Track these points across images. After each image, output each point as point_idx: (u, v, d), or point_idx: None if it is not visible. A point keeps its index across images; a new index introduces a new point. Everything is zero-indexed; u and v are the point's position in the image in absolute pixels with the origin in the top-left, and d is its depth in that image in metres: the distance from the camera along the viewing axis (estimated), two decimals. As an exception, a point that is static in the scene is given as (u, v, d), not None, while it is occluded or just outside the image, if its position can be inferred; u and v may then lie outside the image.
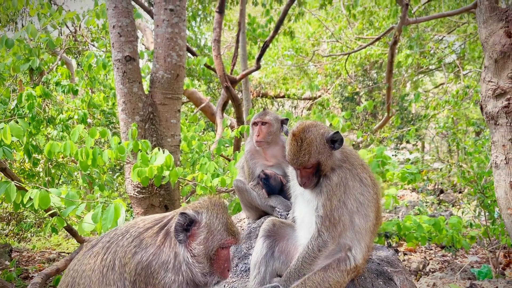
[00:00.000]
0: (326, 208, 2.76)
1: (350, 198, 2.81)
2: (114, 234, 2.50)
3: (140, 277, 2.30)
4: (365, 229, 2.86)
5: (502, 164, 3.73)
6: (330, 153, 2.82)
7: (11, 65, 7.15)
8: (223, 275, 2.47)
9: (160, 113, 6.71)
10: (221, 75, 8.95)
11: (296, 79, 21.21)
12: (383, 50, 15.19)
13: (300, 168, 2.84)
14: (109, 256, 2.38)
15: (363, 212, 2.85)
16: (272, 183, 3.97)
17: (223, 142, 7.96)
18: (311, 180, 2.83)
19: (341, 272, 2.79)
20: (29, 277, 8.08)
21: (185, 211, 2.43)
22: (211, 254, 2.42)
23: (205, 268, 2.41)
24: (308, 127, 2.84)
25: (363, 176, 2.88)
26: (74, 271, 2.44)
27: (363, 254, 2.87)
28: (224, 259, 2.47)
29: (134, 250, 2.36)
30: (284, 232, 3.16)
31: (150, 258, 2.35)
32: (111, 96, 9.70)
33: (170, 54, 6.73)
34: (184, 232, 2.41)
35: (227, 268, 2.49)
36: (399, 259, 3.38)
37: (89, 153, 5.24)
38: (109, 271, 2.34)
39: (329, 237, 2.77)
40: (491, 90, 3.70)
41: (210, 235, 2.42)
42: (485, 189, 7.66)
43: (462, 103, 12.97)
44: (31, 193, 4.32)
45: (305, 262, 2.81)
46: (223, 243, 2.44)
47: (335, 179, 2.80)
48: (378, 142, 13.47)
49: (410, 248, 9.90)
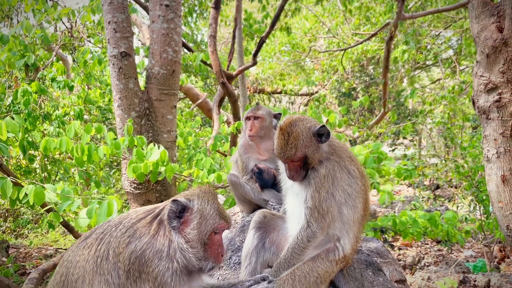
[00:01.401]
0: (315, 200, 2.81)
1: (338, 190, 2.85)
2: (107, 225, 2.53)
3: (134, 266, 2.33)
4: (353, 220, 2.90)
5: (493, 158, 3.76)
6: (317, 146, 2.86)
7: (6, 61, 7.13)
8: (217, 260, 2.52)
9: (156, 109, 6.72)
10: (217, 71, 8.96)
11: (293, 75, 21.21)
12: (379, 45, 15.21)
13: (287, 161, 2.88)
14: (103, 247, 2.41)
15: (351, 203, 2.89)
16: (265, 177, 4.01)
17: (220, 138, 7.97)
18: (299, 173, 2.87)
19: (329, 262, 2.83)
20: (26, 273, 8.11)
21: (176, 198, 2.47)
22: (205, 239, 2.46)
23: (199, 253, 2.45)
24: (294, 121, 2.89)
25: (351, 168, 2.92)
26: (68, 261, 2.46)
27: (351, 245, 2.91)
28: (217, 244, 2.52)
29: (128, 240, 2.39)
30: (275, 224, 3.21)
31: (144, 247, 2.38)
32: (107, 92, 9.69)
33: (166, 50, 6.73)
34: (177, 219, 2.45)
35: (220, 253, 2.53)
36: (389, 250, 3.43)
37: (84, 149, 5.25)
38: (103, 261, 2.37)
39: (318, 227, 2.81)
40: (482, 84, 3.73)
41: (203, 220, 2.47)
42: (480, 183, 7.70)
43: (459, 98, 13.01)
44: (27, 189, 4.33)
45: (294, 253, 2.86)
46: (216, 227, 2.49)
47: (323, 171, 2.85)
48: (374, 137, 13.50)
49: (405, 243, 9.96)
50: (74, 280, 2.37)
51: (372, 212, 11.71)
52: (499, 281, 6.49)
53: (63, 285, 2.39)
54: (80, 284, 2.34)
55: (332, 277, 2.89)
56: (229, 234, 3.81)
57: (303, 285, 2.72)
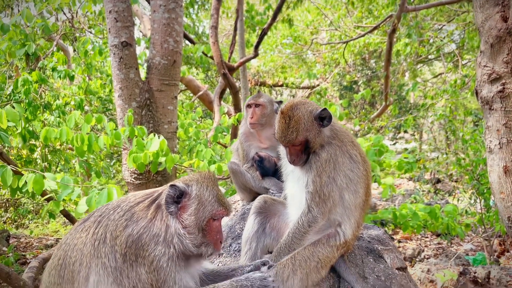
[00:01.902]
0: (316, 184, 2.78)
1: (339, 174, 2.82)
2: (105, 209, 2.52)
3: (131, 250, 2.32)
4: (354, 205, 2.87)
5: (496, 148, 3.73)
6: (318, 131, 2.83)
7: (6, 50, 7.10)
8: (216, 246, 2.50)
9: (157, 99, 6.69)
10: (218, 62, 8.91)
11: (294, 68, 21.13)
12: (382, 38, 15.12)
13: (288, 145, 2.85)
14: (100, 230, 2.40)
15: (353, 188, 2.86)
16: (266, 165, 3.99)
17: (220, 130, 7.95)
18: (300, 157, 2.85)
19: (330, 247, 2.81)
20: (26, 262, 8.12)
21: (175, 183, 2.45)
22: (203, 225, 2.44)
23: (197, 239, 2.43)
24: (296, 105, 2.85)
25: (353, 153, 2.89)
26: (66, 244, 2.46)
27: (352, 230, 2.89)
28: (216, 230, 2.49)
29: (125, 223, 2.38)
30: (276, 209, 3.19)
31: (141, 231, 2.36)
32: (108, 83, 9.66)
33: (167, 40, 6.69)
34: (174, 204, 2.43)
35: (219, 239, 2.51)
36: (390, 238, 3.41)
37: (84, 139, 5.23)
38: (100, 244, 2.36)
39: (319, 212, 2.79)
40: (486, 74, 3.69)
41: (201, 206, 2.45)
42: (481, 176, 7.69)
43: (460, 93, 12.96)
44: (27, 177, 4.33)
45: (295, 238, 2.84)
46: (215, 214, 2.46)
47: (324, 155, 2.81)
48: (375, 131, 13.47)
49: (405, 236, 9.97)
50: (71, 263, 2.36)
51: (373, 205, 11.71)
52: (498, 273, 6.49)
53: (60, 268, 2.38)
54: (78, 267, 2.34)
55: (332, 263, 2.88)
56: (229, 222, 3.80)
57: (304, 269, 2.70)
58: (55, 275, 2.39)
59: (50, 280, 2.41)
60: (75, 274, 2.33)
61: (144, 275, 2.31)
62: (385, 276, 2.99)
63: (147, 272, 2.31)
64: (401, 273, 3.04)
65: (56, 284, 2.37)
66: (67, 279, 2.34)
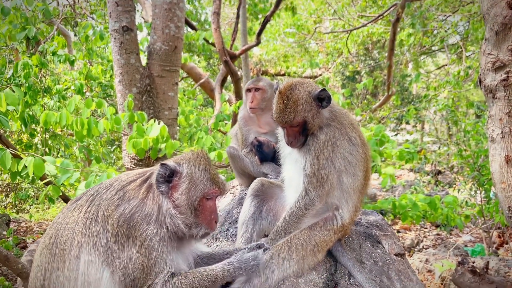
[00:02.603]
0: (314, 167, 2.73)
1: (338, 157, 2.77)
2: (98, 188, 2.50)
3: (122, 229, 2.30)
4: (353, 188, 2.83)
5: (498, 138, 3.69)
6: (317, 112, 2.77)
7: (6, 34, 7.06)
8: (210, 226, 2.46)
9: (158, 85, 6.66)
10: (220, 48, 8.84)
11: (297, 57, 21.00)
12: (385, 28, 15.00)
13: (286, 126, 2.80)
14: (92, 209, 2.38)
15: (351, 171, 2.82)
16: (265, 150, 3.96)
17: (221, 117, 7.91)
18: (297, 139, 2.80)
19: (327, 231, 2.78)
20: (27, 247, 8.16)
21: (165, 162, 2.42)
22: (195, 204, 2.40)
23: (189, 219, 2.40)
24: (294, 85, 2.79)
25: (352, 135, 2.84)
26: (58, 223, 2.44)
27: (350, 214, 2.86)
28: (209, 210, 2.45)
29: (117, 202, 2.36)
30: (273, 192, 3.15)
31: (133, 211, 2.34)
32: (109, 68, 9.61)
33: (168, 25, 6.63)
34: (165, 183, 2.40)
35: (214, 219, 2.47)
36: (388, 224, 3.39)
37: (84, 123, 5.21)
38: (92, 223, 2.34)
39: (316, 195, 2.75)
40: (490, 62, 3.64)
41: (192, 185, 2.41)
42: (482, 167, 7.66)
43: (463, 84, 12.87)
44: (26, 161, 4.31)
45: (291, 221, 2.81)
46: (207, 193, 2.42)
47: (322, 137, 2.76)
48: (377, 121, 13.41)
49: (404, 226, 9.98)
50: (63, 241, 2.35)
51: (372, 195, 11.71)
52: (497, 264, 6.51)
53: (52, 247, 2.37)
54: (69, 246, 2.32)
55: (329, 246, 2.86)
56: (227, 207, 3.79)
57: (300, 252, 2.68)
58: (46, 254, 2.38)
59: (41, 259, 2.40)
60: (66, 253, 2.32)
61: (135, 255, 2.29)
62: (383, 261, 2.98)
63: (138, 252, 2.29)
64: (399, 259, 3.02)
65: (47, 263, 2.36)
66: (58, 258, 2.33)
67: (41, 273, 2.37)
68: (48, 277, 2.33)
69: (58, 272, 2.31)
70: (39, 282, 2.36)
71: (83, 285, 2.27)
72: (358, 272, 2.79)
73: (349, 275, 2.82)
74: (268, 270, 2.59)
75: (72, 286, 2.28)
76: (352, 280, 2.78)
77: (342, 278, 2.79)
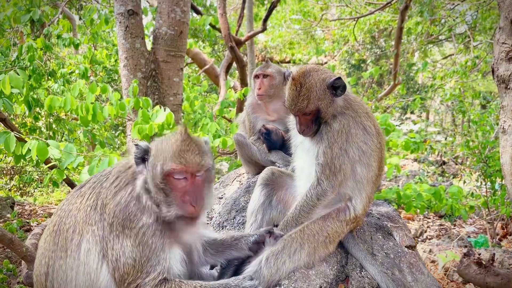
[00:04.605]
0: (327, 156, 2.66)
1: (352, 146, 2.70)
2: (100, 175, 2.47)
3: (118, 220, 2.24)
4: (366, 179, 2.77)
5: (510, 129, 3.63)
6: (331, 100, 2.69)
7: (11, 16, 6.98)
8: (183, 208, 2.27)
9: (163, 70, 6.60)
10: (226, 34, 8.74)
11: (302, 44, 20.81)
12: (392, 16, 14.80)
13: (299, 114, 2.73)
14: (93, 196, 2.35)
15: (366, 162, 2.75)
16: (273, 138, 3.90)
17: (226, 104, 7.86)
18: (310, 127, 2.73)
19: (340, 222, 2.73)
20: (31, 229, 8.19)
21: (138, 142, 2.35)
22: (158, 182, 2.25)
23: (158, 197, 2.27)
24: (308, 72, 2.70)
25: (367, 124, 2.77)
26: (62, 210, 2.42)
27: (363, 205, 2.80)
28: (181, 190, 2.26)
29: (115, 190, 2.32)
30: (283, 182, 3.08)
31: (129, 199, 2.28)
32: (114, 53, 9.54)
33: (174, 10, 6.55)
34: (142, 164, 2.33)
35: (187, 201, 2.26)
36: (400, 215, 3.36)
37: (89, 108, 5.17)
38: (92, 211, 2.31)
39: (328, 186, 2.69)
40: (504, 52, 3.56)
41: (154, 161, 2.29)
42: (489, 159, 7.59)
43: (470, 74, 12.73)
44: (30, 144, 4.28)
45: (303, 211, 2.75)
46: (167, 171, 2.24)
47: (336, 126, 2.69)
48: (382, 110, 13.32)
49: (408, 216, 9.96)
50: (65, 229, 2.33)
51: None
52: (501, 256, 6.49)
53: (55, 235, 2.36)
54: (71, 234, 2.30)
55: (341, 238, 2.81)
56: (233, 194, 3.75)
57: (312, 243, 2.63)
58: (50, 241, 2.37)
59: (45, 247, 2.39)
60: (68, 241, 2.30)
61: (129, 249, 2.21)
62: (394, 253, 2.94)
63: (132, 245, 2.22)
64: (410, 251, 2.99)
65: (51, 251, 2.34)
66: (61, 247, 2.31)
67: (45, 261, 2.36)
68: (52, 265, 2.32)
69: (61, 261, 2.30)
70: (43, 269, 2.36)
71: (84, 274, 2.25)
72: (370, 264, 2.74)
73: (361, 268, 2.78)
74: (279, 261, 2.55)
75: (74, 275, 2.27)
76: (364, 272, 2.75)
77: (354, 270, 2.75)
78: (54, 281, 2.31)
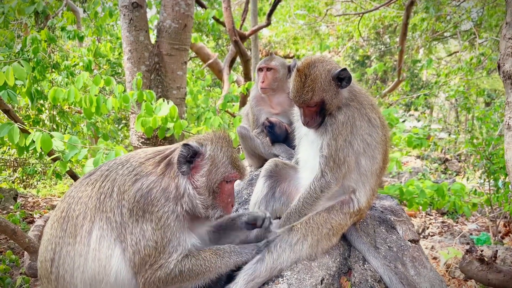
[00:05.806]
0: (331, 148, 2.64)
1: (357, 139, 2.68)
2: (113, 163, 2.47)
3: (139, 204, 2.27)
4: (371, 171, 2.75)
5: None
6: (336, 91, 2.66)
7: (16, 7, 6.98)
8: (226, 209, 2.44)
9: (166, 64, 6.59)
10: (230, 28, 8.71)
11: (307, 39, 20.75)
12: (398, 12, 14.73)
13: (303, 106, 2.70)
14: (107, 184, 2.35)
15: (370, 154, 2.72)
16: (277, 131, 3.89)
17: (229, 98, 7.85)
18: (314, 119, 2.70)
19: (343, 214, 2.72)
20: (33, 221, 8.23)
21: (188, 142, 2.37)
22: (214, 187, 2.39)
23: (207, 201, 2.38)
24: (313, 62, 2.66)
25: (372, 117, 2.74)
26: (70, 197, 2.42)
27: (367, 198, 2.78)
28: (227, 193, 2.44)
29: (135, 178, 2.33)
30: (286, 174, 3.07)
31: (151, 186, 2.31)
32: (118, 46, 9.53)
33: (179, 3, 6.53)
34: (187, 164, 2.37)
35: (230, 203, 2.46)
36: (403, 209, 3.35)
37: (93, 100, 5.17)
38: (106, 198, 2.31)
39: (332, 178, 2.67)
40: (510, 48, 3.53)
41: (214, 168, 2.38)
42: (493, 155, 7.57)
43: (475, 72, 12.67)
44: (34, 136, 4.29)
45: (306, 203, 2.74)
46: (227, 177, 2.40)
47: (341, 118, 2.66)
48: (386, 106, 13.28)
49: (410, 213, 9.95)
50: (75, 216, 2.33)
51: (379, 181, 11.64)
52: (503, 253, 6.47)
53: (63, 221, 2.35)
54: (81, 221, 2.30)
55: (344, 230, 2.80)
56: (236, 187, 3.76)
57: (315, 236, 2.62)
58: (57, 228, 2.36)
59: (52, 233, 2.38)
60: (77, 228, 2.30)
61: (150, 232, 2.26)
62: (397, 247, 2.94)
63: (153, 228, 2.26)
64: (413, 245, 2.98)
65: (58, 237, 2.33)
66: (70, 233, 2.31)
67: (51, 247, 2.34)
68: (59, 252, 2.31)
69: (69, 247, 2.29)
70: (49, 255, 2.34)
71: (94, 261, 2.25)
72: (373, 257, 2.73)
73: (363, 260, 2.78)
74: (278, 247, 2.54)
75: (82, 262, 2.26)
76: (366, 265, 2.74)
77: (356, 263, 2.75)
78: (60, 267, 2.30)
